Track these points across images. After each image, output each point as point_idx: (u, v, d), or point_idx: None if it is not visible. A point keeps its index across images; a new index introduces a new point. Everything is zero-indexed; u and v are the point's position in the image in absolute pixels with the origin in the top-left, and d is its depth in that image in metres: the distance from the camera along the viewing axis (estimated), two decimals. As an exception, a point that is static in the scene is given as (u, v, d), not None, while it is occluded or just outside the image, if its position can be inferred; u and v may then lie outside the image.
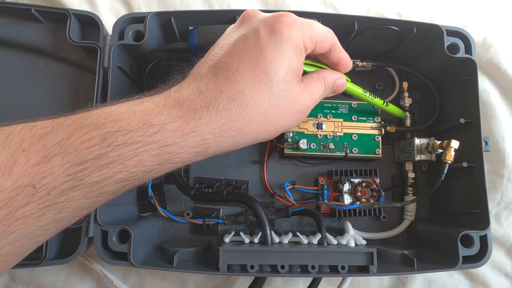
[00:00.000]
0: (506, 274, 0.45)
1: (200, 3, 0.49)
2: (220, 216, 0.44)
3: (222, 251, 0.34)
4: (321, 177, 0.44)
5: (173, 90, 0.26)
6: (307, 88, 0.29)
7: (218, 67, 0.26)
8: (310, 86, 0.30)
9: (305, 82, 0.30)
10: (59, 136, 0.22)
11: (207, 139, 0.25)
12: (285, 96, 0.27)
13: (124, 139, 0.23)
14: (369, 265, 0.34)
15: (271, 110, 0.27)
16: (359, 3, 0.51)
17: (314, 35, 0.28)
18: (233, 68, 0.26)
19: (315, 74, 0.31)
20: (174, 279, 0.44)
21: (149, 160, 0.24)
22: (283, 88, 0.27)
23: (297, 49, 0.27)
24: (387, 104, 0.40)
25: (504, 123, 0.46)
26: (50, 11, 0.39)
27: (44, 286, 0.43)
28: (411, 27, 0.40)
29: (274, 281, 0.44)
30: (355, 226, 0.43)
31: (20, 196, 0.21)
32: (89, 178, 0.22)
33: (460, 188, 0.41)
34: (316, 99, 0.30)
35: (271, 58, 0.26)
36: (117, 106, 0.24)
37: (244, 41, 0.27)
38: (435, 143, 0.39)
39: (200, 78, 0.27)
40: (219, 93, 0.25)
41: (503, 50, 0.47)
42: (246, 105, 0.26)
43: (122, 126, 0.23)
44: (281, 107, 0.27)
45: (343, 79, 0.33)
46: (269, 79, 0.26)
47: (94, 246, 0.35)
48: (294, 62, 0.27)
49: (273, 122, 0.27)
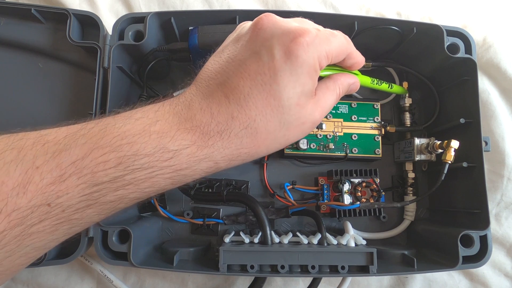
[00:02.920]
0: (506, 274, 0.45)
1: (200, 3, 0.49)
2: (220, 216, 0.44)
3: (222, 251, 0.34)
4: (321, 177, 0.44)
5: (184, 106, 0.26)
6: (320, 101, 0.28)
7: (229, 88, 0.25)
8: (324, 98, 0.29)
9: (319, 94, 0.29)
10: (73, 155, 0.22)
11: (218, 163, 0.26)
12: (296, 119, 0.27)
13: (140, 163, 0.23)
14: (369, 265, 0.34)
15: (281, 133, 0.27)
16: (359, 3, 0.51)
17: (330, 52, 0.27)
18: (245, 92, 0.25)
19: (330, 83, 0.30)
20: (174, 279, 0.44)
21: (162, 182, 0.25)
22: (294, 112, 0.26)
23: (312, 71, 0.26)
24: (391, 86, 0.41)
25: (504, 123, 0.46)
26: (50, 11, 0.39)
27: (44, 286, 0.43)
28: (411, 27, 0.40)
29: (274, 281, 0.44)
30: (355, 226, 0.43)
31: (35, 214, 0.21)
32: (104, 198, 0.23)
33: (460, 188, 0.41)
34: (327, 110, 0.30)
35: (284, 84, 0.25)
36: (132, 125, 0.24)
37: (257, 62, 0.25)
38: (435, 143, 0.39)
39: (210, 96, 0.26)
40: (231, 119, 0.25)
41: (503, 50, 0.47)
42: (257, 131, 0.26)
43: (138, 150, 0.23)
44: (291, 129, 0.27)
45: (357, 81, 0.33)
46: (281, 106, 0.26)
47: (94, 246, 0.35)
48: (308, 85, 0.26)
49: (281, 142, 0.28)
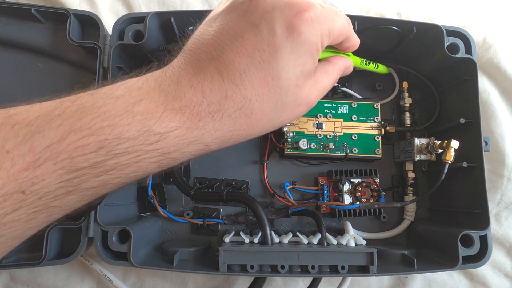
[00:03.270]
0: (506, 274, 0.45)
1: (200, 3, 0.49)
2: (220, 216, 0.44)
3: (222, 251, 0.34)
4: (321, 177, 0.44)
5: (172, 83, 0.23)
6: (318, 84, 0.27)
7: (223, 64, 0.23)
8: (322, 80, 0.28)
9: (317, 75, 0.27)
10: (47, 139, 0.20)
11: (209, 145, 0.24)
12: (293, 101, 0.25)
13: (123, 147, 0.21)
14: (369, 265, 0.34)
15: (276, 115, 0.25)
16: (359, 3, 0.51)
17: (333, 31, 0.25)
18: (241, 69, 0.23)
19: (329, 66, 0.29)
20: (174, 279, 0.44)
21: (149, 166, 0.23)
22: (292, 94, 0.25)
23: (313, 50, 0.24)
24: (377, 66, 0.40)
25: (504, 123, 0.46)
26: (50, 11, 0.39)
27: (44, 286, 0.43)
28: (411, 27, 0.40)
29: (274, 281, 0.44)
30: (355, 226, 0.43)
31: (8, 203, 0.19)
32: (85, 184, 0.21)
33: (460, 188, 0.41)
34: (324, 93, 0.28)
35: (284, 63, 0.23)
36: (113, 105, 0.21)
37: (255, 36, 0.23)
38: (435, 143, 0.39)
39: (201, 72, 0.23)
40: (225, 99, 0.23)
41: (503, 50, 0.47)
42: (252, 113, 0.24)
43: (121, 133, 0.21)
44: (287, 111, 0.26)
45: (352, 64, 0.32)
46: (279, 86, 0.24)
47: (94, 246, 0.35)
48: (309, 65, 0.25)
49: (275, 124, 0.26)
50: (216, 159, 0.45)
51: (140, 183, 0.44)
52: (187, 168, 0.44)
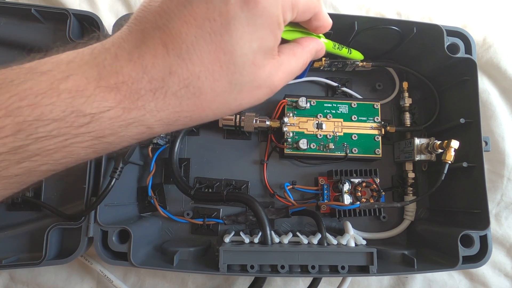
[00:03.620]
0: (506, 274, 0.45)
1: (200, 3, 0.49)
2: (220, 216, 0.44)
3: (222, 251, 0.34)
4: (321, 177, 0.44)
5: (109, 57, 0.20)
6: (283, 66, 0.24)
7: (169, 35, 0.20)
8: (289, 63, 0.25)
9: (283, 56, 0.25)
10: None
11: (152, 128, 0.22)
12: (250, 81, 0.22)
13: (46, 130, 0.18)
14: (369, 265, 0.34)
15: (231, 96, 0.22)
16: (359, 3, 0.51)
17: (297, 3, 0.23)
18: (188, 41, 0.20)
19: (298, 49, 0.26)
20: (174, 279, 0.44)
21: (81, 151, 0.20)
22: (248, 73, 0.22)
23: (273, 24, 0.22)
24: (350, 51, 0.38)
25: (504, 123, 0.46)
26: (50, 11, 0.39)
27: (44, 286, 0.43)
28: (411, 27, 0.40)
29: (274, 281, 0.44)
30: (355, 226, 0.43)
31: None
32: (5, 172, 0.19)
33: (460, 188, 0.41)
34: (291, 77, 0.26)
35: (238, 36, 0.20)
36: (36, 81, 0.19)
37: (206, 4, 0.20)
38: (435, 143, 0.39)
39: (144, 44, 0.20)
40: (169, 75, 0.20)
41: (503, 50, 0.47)
42: (201, 92, 0.21)
43: (43, 114, 0.18)
44: (244, 93, 0.23)
45: (324, 47, 0.29)
46: (233, 63, 0.21)
47: (94, 246, 0.35)
48: (268, 41, 0.22)
49: (231, 107, 0.23)
50: (216, 159, 0.45)
51: (140, 183, 0.44)
52: (187, 168, 0.44)
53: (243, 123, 0.42)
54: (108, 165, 0.37)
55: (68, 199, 0.40)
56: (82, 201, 0.36)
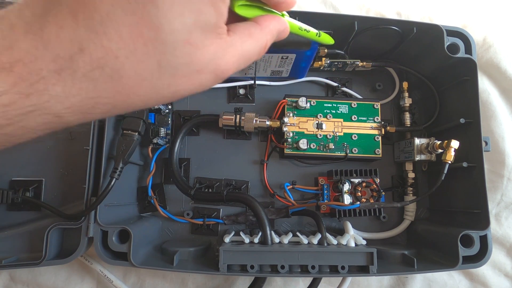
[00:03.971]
0: (506, 274, 0.45)
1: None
2: (220, 216, 0.44)
3: (222, 251, 0.34)
4: (321, 177, 0.44)
5: (4, 27, 0.16)
6: (235, 47, 0.20)
7: (80, 2, 0.16)
8: (242, 45, 0.21)
9: (234, 37, 0.21)
10: None
11: (62, 117, 0.18)
12: (186, 64, 0.19)
13: None
14: (369, 265, 0.34)
15: (163, 82, 0.19)
16: (359, 3, 0.50)
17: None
18: (103, 10, 0.16)
19: (256, 29, 0.22)
20: (174, 279, 0.44)
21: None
22: (182, 54, 0.18)
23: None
24: (319, 34, 0.35)
25: (504, 123, 0.46)
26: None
27: (44, 286, 0.43)
28: (411, 27, 0.40)
29: (274, 281, 0.44)
30: (355, 226, 0.43)
31: None
32: None
33: (460, 188, 0.41)
34: (245, 62, 0.22)
35: (167, 8, 0.17)
36: None
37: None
38: (435, 143, 0.39)
39: (48, 13, 0.16)
40: (78, 52, 0.16)
41: (503, 50, 0.47)
42: (120, 75, 0.17)
43: None
44: (178, 78, 0.19)
45: (287, 27, 0.25)
46: (161, 40, 0.17)
47: (94, 246, 0.35)
48: (207, 14, 0.18)
49: (164, 94, 0.20)
50: (216, 159, 0.45)
51: (140, 183, 0.44)
52: (187, 168, 0.44)
53: (243, 123, 0.42)
54: (108, 165, 0.37)
55: (68, 199, 0.40)
56: (82, 201, 0.36)
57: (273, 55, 0.39)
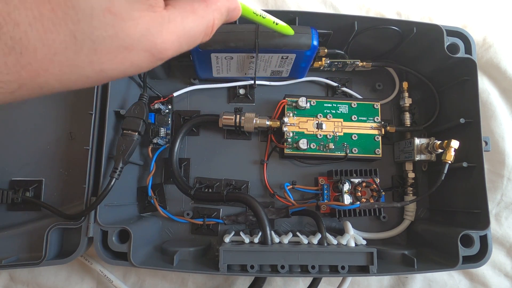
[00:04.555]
0: (506, 274, 0.45)
1: (200, 3, 0.49)
2: (220, 216, 0.44)
3: (222, 251, 0.34)
4: (321, 177, 0.44)
5: None
6: (173, 24, 0.18)
7: None
8: (182, 21, 0.18)
9: (174, 12, 0.18)
10: None
11: None
12: (110, 37, 0.16)
13: None
14: (369, 265, 0.34)
15: (82, 57, 0.16)
16: (359, 3, 0.51)
17: None
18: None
19: (200, 5, 0.20)
20: (174, 279, 0.44)
21: None
22: (103, 24, 0.16)
23: None
24: (276, 23, 0.34)
25: (504, 123, 0.46)
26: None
27: (44, 286, 0.43)
28: (411, 27, 0.40)
29: (274, 281, 0.44)
30: (355, 226, 0.43)
31: None
32: None
33: (460, 188, 0.41)
34: (190, 42, 0.19)
35: None
36: None
37: None
38: (435, 143, 0.39)
39: None
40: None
41: (503, 50, 0.47)
42: (24, 47, 0.15)
43: None
44: (103, 53, 0.16)
45: (239, 7, 0.23)
46: (73, 6, 0.15)
47: (94, 246, 0.35)
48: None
49: (86, 73, 0.17)
50: (216, 159, 0.45)
51: (140, 183, 0.44)
52: (187, 168, 0.44)
53: (243, 123, 0.42)
54: (108, 165, 0.37)
55: (68, 199, 0.40)
56: (82, 201, 0.36)
57: (273, 55, 0.39)
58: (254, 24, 0.37)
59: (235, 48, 0.38)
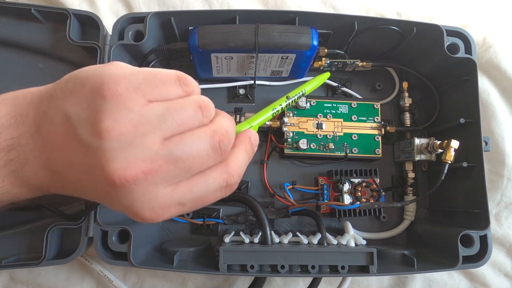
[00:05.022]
0: (506, 274, 0.45)
1: (200, 3, 0.49)
2: (220, 216, 0.44)
3: (222, 251, 0.34)
4: (321, 177, 0.44)
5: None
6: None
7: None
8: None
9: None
10: None
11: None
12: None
13: None
14: (369, 265, 0.34)
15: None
16: (359, 3, 0.51)
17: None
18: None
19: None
20: (174, 279, 0.44)
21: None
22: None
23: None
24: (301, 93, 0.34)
25: (504, 123, 0.46)
26: (50, 11, 0.39)
27: (44, 286, 0.43)
28: (411, 27, 0.40)
29: (274, 281, 0.44)
30: (355, 226, 0.43)
31: None
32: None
33: (460, 188, 0.41)
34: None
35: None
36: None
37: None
38: (435, 143, 0.39)
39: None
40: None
41: (503, 50, 0.47)
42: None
43: None
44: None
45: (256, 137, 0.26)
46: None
47: (94, 246, 0.35)
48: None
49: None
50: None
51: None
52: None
53: (243, 123, 0.42)
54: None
55: (68, 199, 0.40)
56: (82, 201, 0.36)
57: (273, 55, 0.39)
58: (254, 24, 0.37)
59: (235, 48, 0.38)
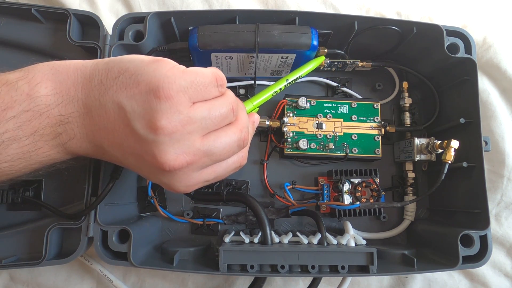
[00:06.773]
0: (506, 274, 0.45)
1: (200, 3, 0.49)
2: (220, 216, 0.44)
3: (222, 251, 0.34)
4: (321, 177, 0.44)
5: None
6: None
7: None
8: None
9: None
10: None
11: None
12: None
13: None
14: (369, 265, 0.34)
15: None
16: (359, 3, 0.51)
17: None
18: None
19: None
20: (174, 279, 0.44)
21: None
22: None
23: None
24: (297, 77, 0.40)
25: (504, 123, 0.46)
26: (50, 11, 0.39)
27: (44, 286, 0.43)
28: (411, 27, 0.40)
29: (274, 281, 0.44)
30: (355, 226, 0.43)
31: None
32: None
33: (460, 188, 0.41)
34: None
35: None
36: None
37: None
38: (435, 143, 0.39)
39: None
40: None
41: (503, 50, 0.47)
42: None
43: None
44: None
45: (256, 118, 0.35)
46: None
47: (94, 246, 0.35)
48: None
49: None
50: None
51: (140, 183, 0.44)
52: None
53: (243, 123, 0.42)
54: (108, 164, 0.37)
55: (68, 199, 0.40)
56: (82, 201, 0.36)
57: (273, 55, 0.39)
58: (254, 24, 0.37)
59: (235, 48, 0.38)
